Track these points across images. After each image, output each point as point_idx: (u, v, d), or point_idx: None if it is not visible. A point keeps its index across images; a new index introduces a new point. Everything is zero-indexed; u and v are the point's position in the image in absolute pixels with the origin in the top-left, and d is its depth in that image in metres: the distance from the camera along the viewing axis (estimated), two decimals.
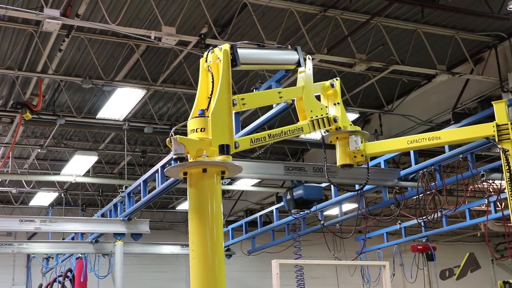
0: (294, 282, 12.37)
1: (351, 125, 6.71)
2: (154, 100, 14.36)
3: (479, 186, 11.72)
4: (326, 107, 6.52)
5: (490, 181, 11.38)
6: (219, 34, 10.84)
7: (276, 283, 8.49)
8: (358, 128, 6.80)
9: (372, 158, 9.93)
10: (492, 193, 12.45)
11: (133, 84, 12.74)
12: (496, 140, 6.84)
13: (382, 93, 14.15)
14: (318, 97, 6.57)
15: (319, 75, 11.72)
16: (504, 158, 6.75)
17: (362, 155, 6.81)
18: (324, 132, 6.69)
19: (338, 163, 6.93)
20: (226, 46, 5.28)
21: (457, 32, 12.11)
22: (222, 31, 11.12)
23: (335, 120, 6.43)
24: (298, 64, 6.19)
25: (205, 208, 4.88)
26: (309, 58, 6.29)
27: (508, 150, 6.77)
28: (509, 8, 10.34)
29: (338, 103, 6.60)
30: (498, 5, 11.00)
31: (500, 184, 10.99)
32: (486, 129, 6.98)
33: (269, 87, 8.03)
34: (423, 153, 13.07)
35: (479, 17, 11.54)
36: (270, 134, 5.67)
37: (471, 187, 12.30)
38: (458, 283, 26.09)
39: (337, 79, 6.73)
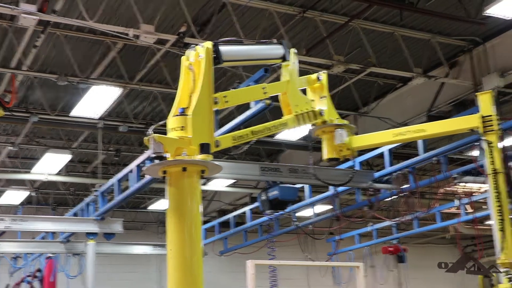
0: (266, 283, 12.37)
1: (338, 118, 6.63)
2: (130, 99, 14.24)
3: (451, 189, 11.87)
4: (313, 100, 6.44)
5: (462, 184, 11.52)
6: (198, 33, 10.79)
7: (251, 284, 8.45)
8: (345, 122, 6.73)
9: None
10: (463, 196, 12.63)
11: (109, 82, 12.61)
12: (481, 131, 6.86)
13: (358, 95, 14.22)
14: (305, 91, 6.50)
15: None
16: (488, 150, 6.74)
17: (348, 149, 6.75)
18: (311, 126, 6.60)
19: (324, 157, 6.85)
20: (208, 44, 5.23)
21: (433, 36, 12.23)
22: (201, 30, 11.06)
23: (321, 114, 6.36)
24: (284, 58, 6.12)
25: (184, 208, 4.80)
26: (294, 52, 6.21)
27: (492, 142, 6.78)
28: (485, 13, 10.46)
29: (325, 97, 6.51)
30: (475, 10, 11.13)
31: (472, 187, 11.13)
32: (471, 121, 6.99)
33: None
34: (397, 156, 13.18)
35: (455, 21, 11.67)
36: (253, 131, 5.59)
37: (441, 189, 12.44)
38: (425, 286, 26.42)
39: (324, 72, 6.64)
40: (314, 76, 6.60)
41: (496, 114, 6.98)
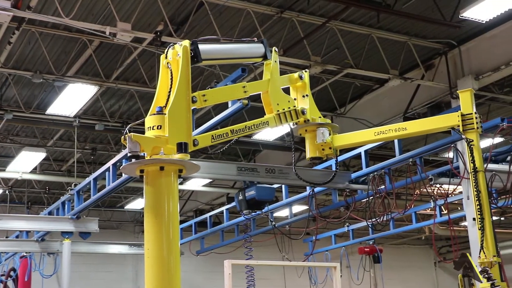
0: (243, 283, 12.34)
1: (320, 117, 6.56)
2: (106, 97, 14.15)
3: (427, 190, 11.96)
4: (295, 99, 6.37)
5: (438, 185, 11.60)
6: (175, 32, 10.75)
7: (228, 283, 8.45)
8: (328, 121, 6.66)
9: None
10: (438, 197, 12.71)
11: (85, 80, 12.52)
12: (461, 130, 6.76)
13: (335, 96, 14.27)
14: (287, 91, 6.41)
15: None
16: (468, 149, 6.65)
17: (330, 148, 6.67)
18: (293, 125, 6.52)
19: (307, 156, 6.77)
20: (186, 42, 5.21)
21: (409, 38, 12.33)
22: (178, 29, 11.04)
23: (303, 113, 6.28)
24: (265, 57, 6.07)
25: (162, 207, 4.78)
26: (275, 51, 6.16)
27: (472, 141, 6.69)
28: (460, 16, 10.56)
29: (307, 95, 6.44)
30: (450, 13, 11.24)
31: (448, 188, 11.21)
32: (451, 119, 6.90)
33: None
34: (373, 157, 13.27)
35: (431, 24, 11.77)
36: (233, 130, 5.52)
37: (417, 191, 12.52)
38: (401, 286, 26.61)
39: (305, 71, 6.56)
40: (296, 74, 6.52)
41: (476, 112, 6.87)
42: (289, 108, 6.11)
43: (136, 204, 21.23)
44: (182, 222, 18.24)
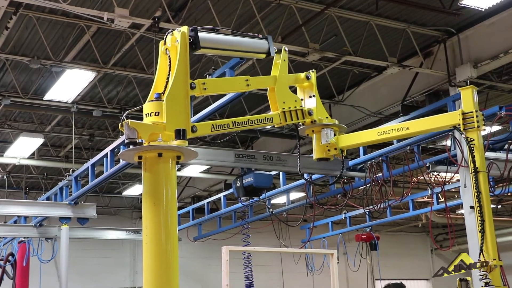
0: (239, 269, 12.41)
1: (327, 117, 6.50)
2: (104, 83, 14.12)
3: (424, 177, 12.00)
4: (302, 99, 6.31)
5: (435, 173, 11.63)
6: (173, 18, 10.71)
7: (226, 269, 8.47)
8: (334, 121, 6.59)
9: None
10: (435, 185, 12.77)
11: (83, 66, 12.50)
12: (462, 129, 6.61)
13: (333, 83, 14.25)
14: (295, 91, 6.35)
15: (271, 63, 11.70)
16: (469, 149, 6.51)
17: (335, 148, 6.58)
18: (300, 125, 6.44)
19: (314, 157, 6.71)
20: (184, 28, 5.19)
21: (408, 26, 12.28)
22: (176, 15, 10.99)
23: (309, 113, 6.23)
24: (268, 54, 6.00)
25: (160, 193, 4.81)
26: (285, 50, 6.12)
27: (473, 140, 6.53)
28: (460, 3, 10.53)
29: (314, 96, 6.38)
30: (449, 0, 11.21)
31: (445, 176, 11.24)
32: (452, 118, 6.77)
33: (223, 74, 7.98)
34: (371, 145, 13.28)
35: (430, 12, 11.72)
36: (235, 122, 5.50)
37: (414, 178, 12.56)
38: (397, 273, 26.74)
39: (312, 71, 6.50)
40: (303, 75, 6.41)
41: (477, 110, 6.66)
42: (295, 107, 6.06)
43: (134, 190, 21.27)
44: (180, 208, 18.28)
